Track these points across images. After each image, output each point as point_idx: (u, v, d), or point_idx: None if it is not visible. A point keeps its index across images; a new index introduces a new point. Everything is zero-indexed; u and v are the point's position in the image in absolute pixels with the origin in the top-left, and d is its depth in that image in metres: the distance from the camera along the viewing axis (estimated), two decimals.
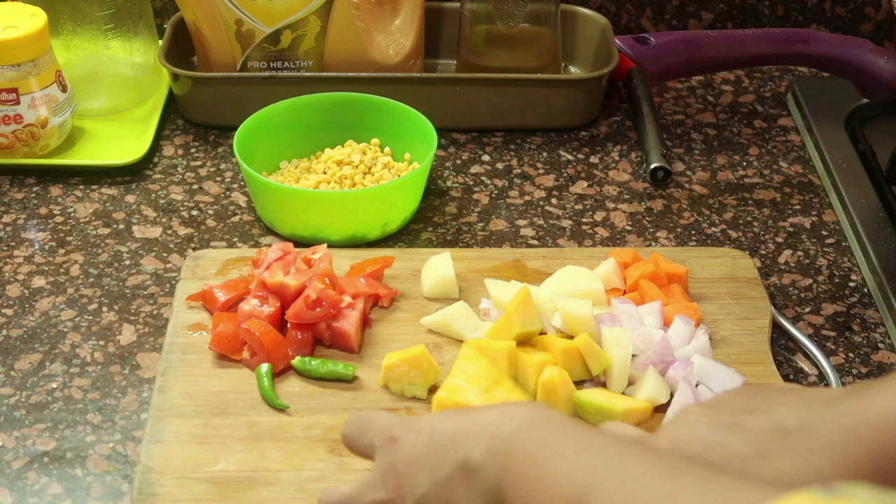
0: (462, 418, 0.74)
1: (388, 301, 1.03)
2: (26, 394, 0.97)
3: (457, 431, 0.72)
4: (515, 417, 0.71)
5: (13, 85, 1.18)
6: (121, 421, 0.95)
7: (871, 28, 1.47)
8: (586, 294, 1.01)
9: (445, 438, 0.72)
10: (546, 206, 1.20)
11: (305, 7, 1.27)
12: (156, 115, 1.29)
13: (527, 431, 0.69)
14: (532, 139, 1.30)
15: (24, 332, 1.03)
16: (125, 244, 1.14)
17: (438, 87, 1.29)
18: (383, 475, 0.75)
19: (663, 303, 1.00)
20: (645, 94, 1.34)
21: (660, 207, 1.21)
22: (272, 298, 0.99)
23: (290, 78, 1.28)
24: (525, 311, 0.95)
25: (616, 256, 1.05)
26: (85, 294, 1.08)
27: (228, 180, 1.23)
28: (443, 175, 1.24)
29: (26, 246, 1.13)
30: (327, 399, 0.94)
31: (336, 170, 1.18)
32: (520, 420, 0.70)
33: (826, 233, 1.18)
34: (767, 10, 1.47)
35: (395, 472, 0.74)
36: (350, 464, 0.88)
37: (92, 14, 1.27)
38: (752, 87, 1.41)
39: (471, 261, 1.08)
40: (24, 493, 0.89)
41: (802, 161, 1.28)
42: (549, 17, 1.32)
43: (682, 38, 1.23)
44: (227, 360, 0.97)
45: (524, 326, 0.95)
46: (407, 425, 0.76)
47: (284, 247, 1.03)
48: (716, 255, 1.09)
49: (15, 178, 1.22)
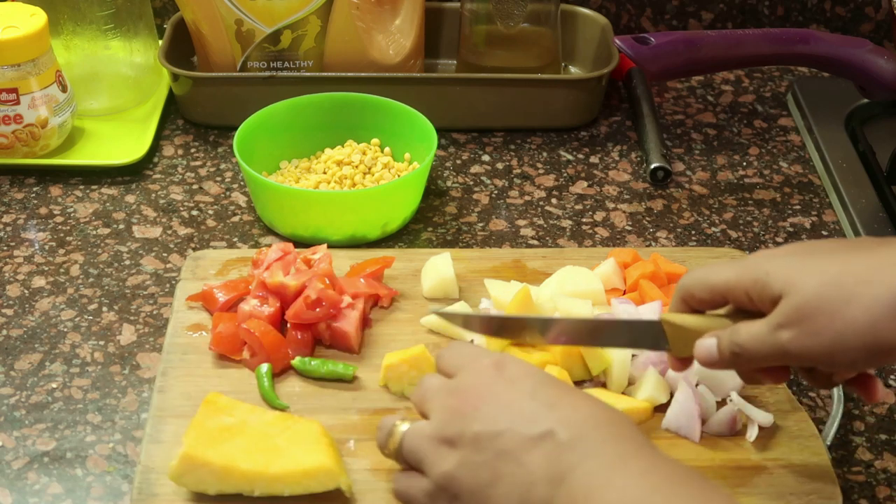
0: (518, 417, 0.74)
1: (388, 301, 1.03)
2: (26, 394, 0.97)
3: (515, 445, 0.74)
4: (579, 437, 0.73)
5: (13, 85, 1.18)
6: (121, 421, 0.95)
7: (871, 28, 1.47)
8: (586, 294, 1.01)
9: (501, 452, 0.74)
10: (546, 206, 1.20)
11: (305, 7, 1.27)
12: (156, 115, 1.29)
13: (586, 464, 0.71)
14: (532, 139, 1.30)
15: (24, 332, 1.03)
16: (125, 244, 1.14)
17: (438, 87, 1.29)
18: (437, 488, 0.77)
19: (663, 303, 1.00)
20: (645, 94, 1.34)
21: (660, 207, 1.21)
22: (272, 299, 0.99)
23: (290, 78, 1.28)
24: (525, 311, 0.95)
25: (616, 256, 1.05)
26: (85, 294, 1.08)
27: (228, 180, 1.23)
28: (443, 175, 1.24)
29: (26, 246, 1.13)
30: (327, 399, 0.94)
31: (336, 170, 1.18)
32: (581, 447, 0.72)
33: (826, 233, 1.18)
34: (767, 10, 1.47)
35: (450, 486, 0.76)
36: (349, 463, 0.88)
37: (92, 14, 1.27)
38: (752, 87, 1.41)
39: (471, 261, 1.08)
40: (24, 493, 0.89)
41: (802, 161, 1.28)
42: (549, 17, 1.32)
43: (682, 38, 1.23)
44: (227, 361, 0.97)
45: None
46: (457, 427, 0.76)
47: (284, 247, 1.03)
48: (715, 256, 1.09)
49: (15, 178, 1.22)
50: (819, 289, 0.74)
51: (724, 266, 0.80)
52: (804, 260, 0.76)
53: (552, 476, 0.72)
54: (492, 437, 0.74)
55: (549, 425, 0.73)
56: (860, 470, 0.93)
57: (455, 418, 0.76)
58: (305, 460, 0.84)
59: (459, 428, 0.76)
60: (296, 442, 0.86)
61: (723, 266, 0.80)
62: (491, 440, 0.74)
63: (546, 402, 0.75)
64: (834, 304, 0.73)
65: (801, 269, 0.75)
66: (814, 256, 0.77)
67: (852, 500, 0.90)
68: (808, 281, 0.74)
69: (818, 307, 0.73)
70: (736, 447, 0.90)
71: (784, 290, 0.75)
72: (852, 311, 0.72)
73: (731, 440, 0.91)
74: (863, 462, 0.93)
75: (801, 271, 0.75)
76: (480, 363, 0.79)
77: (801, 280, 0.75)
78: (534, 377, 0.77)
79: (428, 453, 0.77)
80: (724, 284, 0.79)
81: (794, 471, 0.88)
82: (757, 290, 0.77)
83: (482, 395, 0.77)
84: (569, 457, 0.72)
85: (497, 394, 0.76)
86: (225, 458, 0.84)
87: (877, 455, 0.94)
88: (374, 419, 0.92)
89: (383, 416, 0.92)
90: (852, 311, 0.72)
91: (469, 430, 0.75)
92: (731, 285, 0.79)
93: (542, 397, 0.75)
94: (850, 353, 0.74)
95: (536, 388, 0.76)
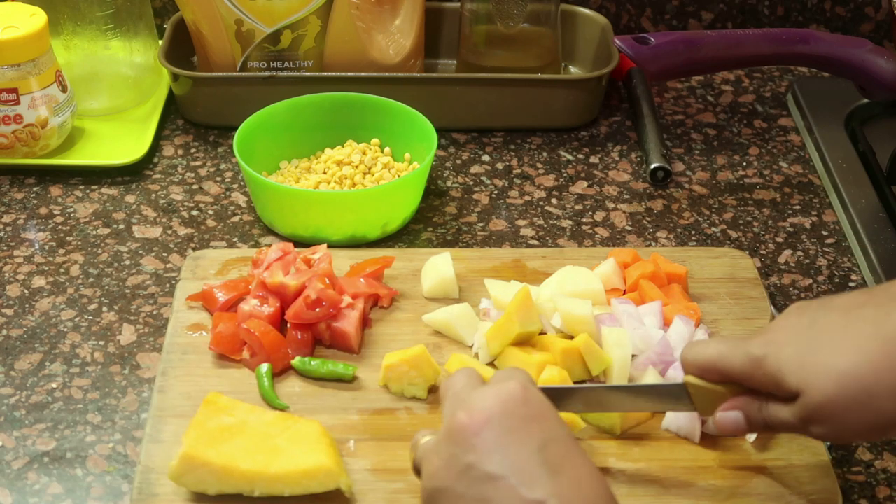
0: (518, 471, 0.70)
1: (387, 301, 1.03)
2: (26, 394, 0.97)
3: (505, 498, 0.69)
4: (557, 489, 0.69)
5: (13, 85, 1.18)
6: (121, 421, 0.95)
7: (871, 28, 1.47)
8: (586, 294, 1.01)
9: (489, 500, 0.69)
10: (546, 206, 1.20)
11: (305, 7, 1.27)
12: (156, 115, 1.29)
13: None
14: (532, 139, 1.30)
15: (24, 332, 1.03)
16: (125, 244, 1.14)
17: (438, 87, 1.29)
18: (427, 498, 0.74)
19: (663, 303, 1.00)
20: (645, 94, 1.33)
21: (660, 207, 1.21)
22: (272, 298, 0.99)
23: (290, 78, 1.28)
24: (525, 311, 0.95)
25: (616, 256, 1.05)
26: (85, 294, 1.08)
27: (228, 180, 1.23)
28: (443, 175, 1.24)
29: (26, 246, 1.13)
30: (327, 399, 0.94)
31: (336, 170, 1.18)
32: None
33: (826, 233, 1.18)
34: (767, 10, 1.47)
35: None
36: (349, 463, 0.88)
37: (92, 14, 1.27)
38: (752, 87, 1.41)
39: (471, 261, 1.08)
40: (24, 493, 0.89)
41: (802, 161, 1.28)
42: (549, 17, 1.32)
43: (682, 38, 1.23)
44: (227, 361, 0.97)
45: (524, 326, 0.95)
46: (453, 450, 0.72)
47: (284, 247, 1.03)
48: (715, 256, 1.09)
49: (15, 178, 1.22)
50: (838, 390, 0.73)
51: (731, 352, 0.79)
52: (813, 347, 0.75)
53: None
54: (483, 477, 0.70)
55: (544, 495, 0.68)
56: (860, 470, 0.93)
57: (454, 437, 0.72)
58: (305, 460, 0.84)
59: (454, 451, 0.71)
60: (296, 442, 0.86)
61: (731, 352, 0.79)
62: (481, 480, 0.70)
63: (551, 466, 0.69)
64: (858, 401, 0.73)
65: (813, 364, 0.75)
66: (821, 341, 0.75)
67: (852, 500, 0.90)
68: (825, 381, 0.74)
69: (844, 406, 0.73)
70: (736, 447, 0.90)
71: (801, 389, 0.75)
72: (878, 403, 0.72)
73: (731, 440, 0.91)
74: (863, 462, 0.93)
75: (815, 368, 0.74)
76: (507, 388, 0.73)
77: (816, 380, 0.74)
78: (550, 425, 0.72)
79: (424, 463, 0.75)
80: (739, 374, 0.79)
81: (794, 471, 0.88)
82: (772, 386, 0.77)
83: (489, 426, 0.71)
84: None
85: (506, 431, 0.71)
86: (225, 458, 0.84)
87: (877, 455, 0.94)
88: (374, 419, 0.92)
89: (383, 416, 0.92)
90: (878, 404, 0.72)
91: (463, 458, 0.71)
92: (746, 376, 0.79)
93: (550, 457, 0.70)
94: (884, 434, 0.76)
95: (548, 442, 0.71)
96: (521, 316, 0.95)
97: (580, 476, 0.70)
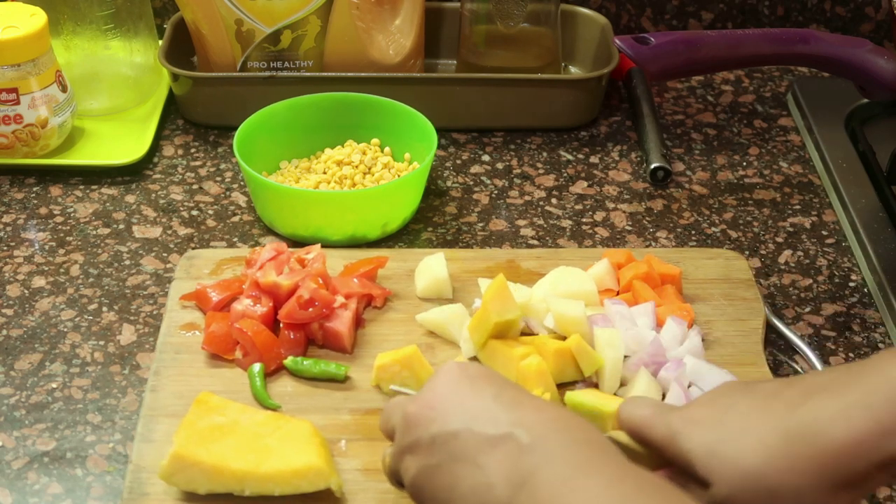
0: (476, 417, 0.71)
1: (381, 301, 1.03)
2: (26, 394, 0.98)
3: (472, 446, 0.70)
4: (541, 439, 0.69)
5: (13, 85, 1.19)
6: (121, 421, 0.95)
7: (871, 28, 1.47)
8: (579, 295, 1.01)
9: (458, 454, 0.70)
10: (546, 207, 1.20)
11: (305, 7, 1.27)
12: (156, 115, 1.30)
13: (550, 468, 0.67)
14: (532, 139, 1.30)
15: (24, 332, 1.04)
16: (125, 244, 1.14)
17: (438, 87, 1.29)
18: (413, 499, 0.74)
19: (656, 304, 1.00)
20: (645, 94, 1.33)
21: (660, 207, 1.21)
22: (265, 298, 0.99)
23: (290, 78, 1.28)
24: (500, 300, 0.94)
25: (610, 257, 1.05)
26: (85, 294, 1.08)
27: (228, 180, 1.23)
28: (443, 175, 1.25)
29: (26, 246, 1.14)
30: (319, 399, 0.95)
31: (336, 170, 1.18)
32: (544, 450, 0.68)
33: (826, 233, 1.18)
34: (767, 10, 1.46)
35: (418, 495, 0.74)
36: (340, 463, 0.89)
37: (92, 14, 1.27)
38: (752, 87, 1.41)
39: (465, 261, 1.08)
40: (24, 493, 0.89)
41: (802, 161, 1.28)
42: (549, 17, 1.32)
43: (682, 38, 1.23)
44: (220, 360, 0.98)
45: (500, 315, 0.94)
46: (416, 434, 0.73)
47: (278, 246, 1.03)
48: (710, 256, 1.09)
49: (15, 178, 1.23)
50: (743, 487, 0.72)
51: (655, 420, 0.78)
52: (723, 436, 0.74)
53: (512, 479, 0.67)
54: (447, 438, 0.71)
55: (509, 426, 0.69)
56: None
57: (412, 425, 0.73)
58: (296, 460, 0.85)
59: (417, 434, 0.73)
60: (287, 442, 0.86)
61: (655, 419, 0.78)
62: (446, 442, 0.71)
63: (507, 404, 0.71)
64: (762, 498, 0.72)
65: (721, 455, 0.73)
66: (732, 430, 0.74)
67: None
68: (730, 477, 0.72)
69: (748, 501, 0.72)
70: None
71: (708, 478, 0.74)
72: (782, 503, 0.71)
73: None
74: None
75: (723, 460, 0.73)
76: (444, 368, 0.76)
77: (722, 474, 0.73)
78: (498, 380, 0.74)
79: (397, 469, 0.75)
80: (659, 443, 0.78)
81: None
82: (684, 465, 0.75)
83: (440, 396, 0.73)
84: (530, 459, 0.68)
85: (456, 393, 0.73)
86: (216, 458, 0.84)
87: None
88: (366, 419, 0.93)
89: (375, 416, 0.92)
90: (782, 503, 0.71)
91: (426, 434, 0.72)
92: (663, 447, 0.77)
93: (506, 399, 0.72)
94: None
95: (501, 390, 0.73)
96: (496, 305, 0.94)
97: (539, 405, 0.72)
